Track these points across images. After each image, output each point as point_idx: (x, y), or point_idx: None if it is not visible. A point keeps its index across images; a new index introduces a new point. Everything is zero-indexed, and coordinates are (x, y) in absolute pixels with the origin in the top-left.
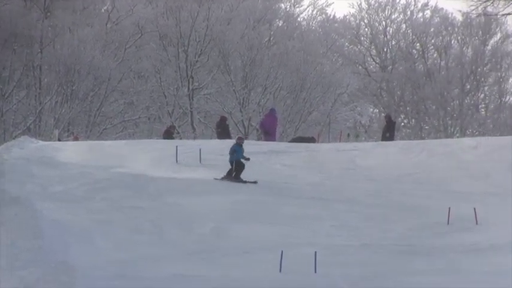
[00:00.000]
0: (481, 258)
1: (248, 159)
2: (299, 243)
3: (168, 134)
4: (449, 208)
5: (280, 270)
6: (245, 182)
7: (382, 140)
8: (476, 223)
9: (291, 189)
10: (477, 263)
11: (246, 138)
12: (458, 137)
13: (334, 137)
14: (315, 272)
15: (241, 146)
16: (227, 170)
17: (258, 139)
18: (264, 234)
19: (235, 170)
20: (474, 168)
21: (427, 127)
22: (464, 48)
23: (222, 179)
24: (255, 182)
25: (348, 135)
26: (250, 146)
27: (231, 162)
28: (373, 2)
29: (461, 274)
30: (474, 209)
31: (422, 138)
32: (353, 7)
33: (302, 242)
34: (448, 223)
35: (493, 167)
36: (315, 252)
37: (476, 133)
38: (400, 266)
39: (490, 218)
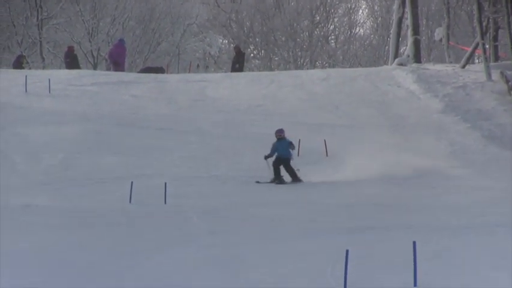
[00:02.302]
0: (330, 191)
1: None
2: (149, 174)
3: (18, 64)
4: (300, 140)
5: (130, 201)
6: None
7: (232, 71)
8: (327, 155)
9: (140, 120)
10: (327, 195)
11: (95, 68)
12: (308, 68)
13: (184, 68)
14: (165, 203)
15: (280, 139)
16: None
17: (107, 69)
18: (113, 165)
19: (286, 169)
20: (324, 100)
21: (276, 58)
22: None
23: (273, 182)
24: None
25: (198, 66)
26: (99, 77)
27: (277, 160)
28: None
29: (309, 205)
30: (324, 140)
31: (271, 69)
32: None
33: (152, 173)
34: (298, 155)
35: (342, 99)
36: (165, 183)
37: (326, 65)
38: (249, 198)
39: (339, 150)
